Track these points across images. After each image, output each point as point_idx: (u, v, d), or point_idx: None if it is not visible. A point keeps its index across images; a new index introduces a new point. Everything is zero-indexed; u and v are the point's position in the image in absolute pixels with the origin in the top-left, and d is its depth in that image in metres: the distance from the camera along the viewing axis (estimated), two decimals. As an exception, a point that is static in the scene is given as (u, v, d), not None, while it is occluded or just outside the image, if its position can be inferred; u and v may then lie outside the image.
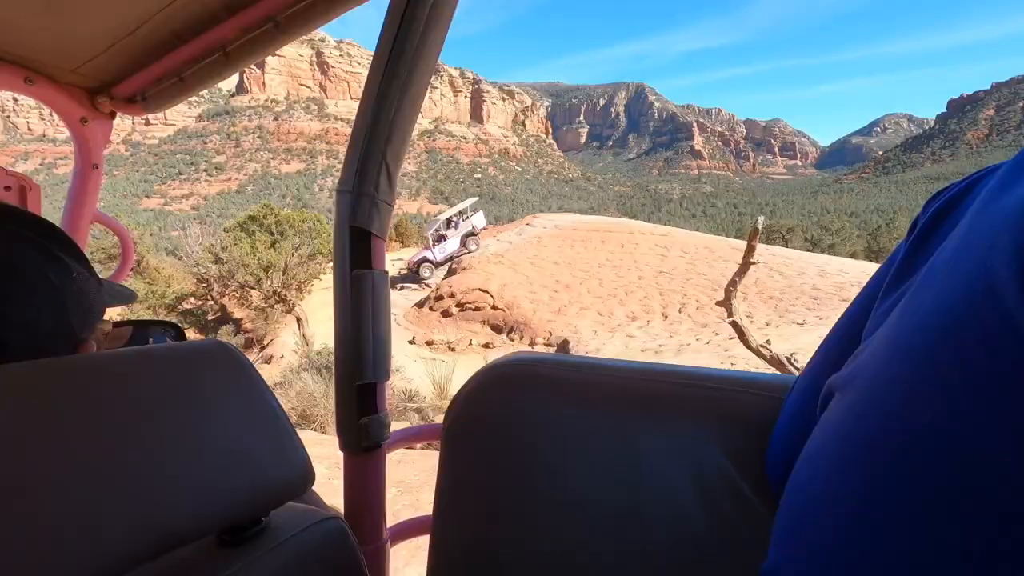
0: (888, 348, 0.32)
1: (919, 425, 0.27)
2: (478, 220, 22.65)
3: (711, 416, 0.66)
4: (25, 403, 0.42)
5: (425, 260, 21.39)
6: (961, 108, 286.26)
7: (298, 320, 16.20)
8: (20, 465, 0.39)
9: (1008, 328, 0.24)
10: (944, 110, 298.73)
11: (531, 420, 0.75)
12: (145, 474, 0.44)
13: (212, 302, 17.80)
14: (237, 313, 17.66)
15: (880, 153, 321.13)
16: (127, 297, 0.75)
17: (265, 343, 15.85)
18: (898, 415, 0.29)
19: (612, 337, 12.96)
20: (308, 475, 0.55)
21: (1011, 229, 0.26)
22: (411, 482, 4.02)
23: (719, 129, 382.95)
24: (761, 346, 5.78)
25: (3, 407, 0.40)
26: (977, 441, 0.25)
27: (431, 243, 21.67)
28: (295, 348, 13.32)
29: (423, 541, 0.88)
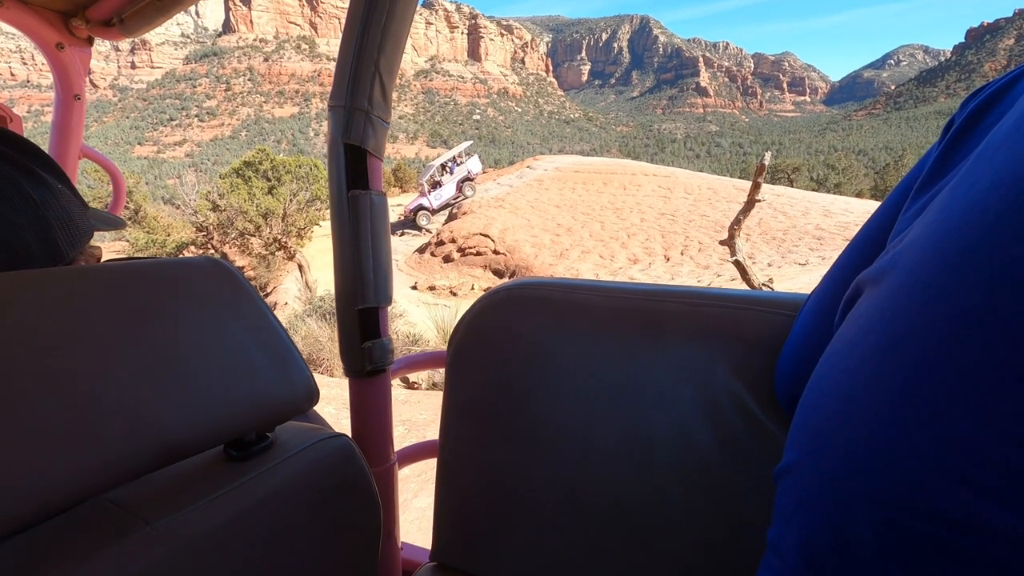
0: (937, 227, 0.31)
1: (974, 302, 0.26)
2: (473, 164, 22.14)
3: (719, 334, 0.66)
4: (18, 311, 0.40)
5: (421, 208, 21.06)
6: (980, 38, 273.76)
7: (300, 267, 16.22)
8: (16, 374, 0.38)
9: None
10: (962, 40, 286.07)
11: (534, 343, 0.75)
12: (144, 385, 0.43)
13: (213, 251, 17.77)
14: (239, 261, 17.65)
15: (892, 87, 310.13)
16: (115, 223, 0.73)
17: (268, 290, 15.93)
18: (949, 294, 0.27)
19: (614, 280, 13.00)
20: (312, 392, 0.54)
21: None
22: (417, 420, 4.13)
23: (726, 64, 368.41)
24: (764, 285, 5.78)
25: None
26: None
27: (426, 190, 21.26)
28: (298, 295, 13.40)
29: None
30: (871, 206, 16.33)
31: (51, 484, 0.37)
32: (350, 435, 0.81)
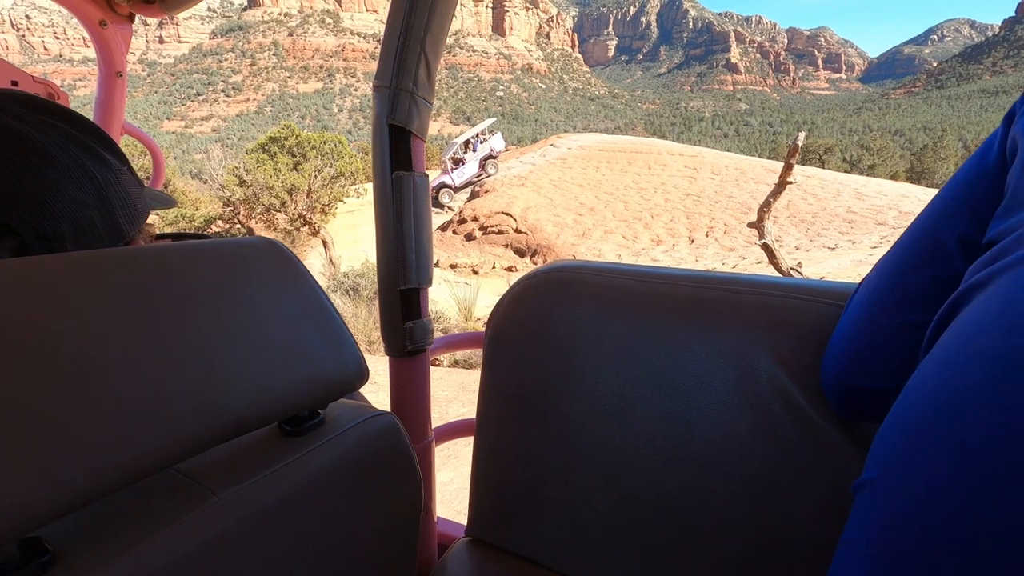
0: None
1: None
2: (496, 142, 21.89)
3: (761, 322, 0.65)
4: (87, 289, 0.42)
5: (444, 185, 20.90)
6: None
7: (324, 243, 16.39)
8: (91, 347, 0.39)
9: None
10: (1012, 14, 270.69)
11: (573, 325, 0.75)
12: (207, 361, 0.45)
13: (240, 225, 18.04)
14: (265, 236, 17.87)
15: (934, 64, 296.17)
16: (168, 202, 0.74)
17: (293, 265, 16.11)
18: None
19: (636, 261, 12.89)
20: (363, 371, 0.56)
21: None
22: (439, 397, 4.19)
23: (758, 40, 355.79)
24: (792, 269, 5.67)
25: (67, 292, 0.41)
26: None
27: (449, 167, 21.09)
28: (322, 271, 13.58)
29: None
30: (906, 189, 15.79)
31: (130, 454, 0.38)
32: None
